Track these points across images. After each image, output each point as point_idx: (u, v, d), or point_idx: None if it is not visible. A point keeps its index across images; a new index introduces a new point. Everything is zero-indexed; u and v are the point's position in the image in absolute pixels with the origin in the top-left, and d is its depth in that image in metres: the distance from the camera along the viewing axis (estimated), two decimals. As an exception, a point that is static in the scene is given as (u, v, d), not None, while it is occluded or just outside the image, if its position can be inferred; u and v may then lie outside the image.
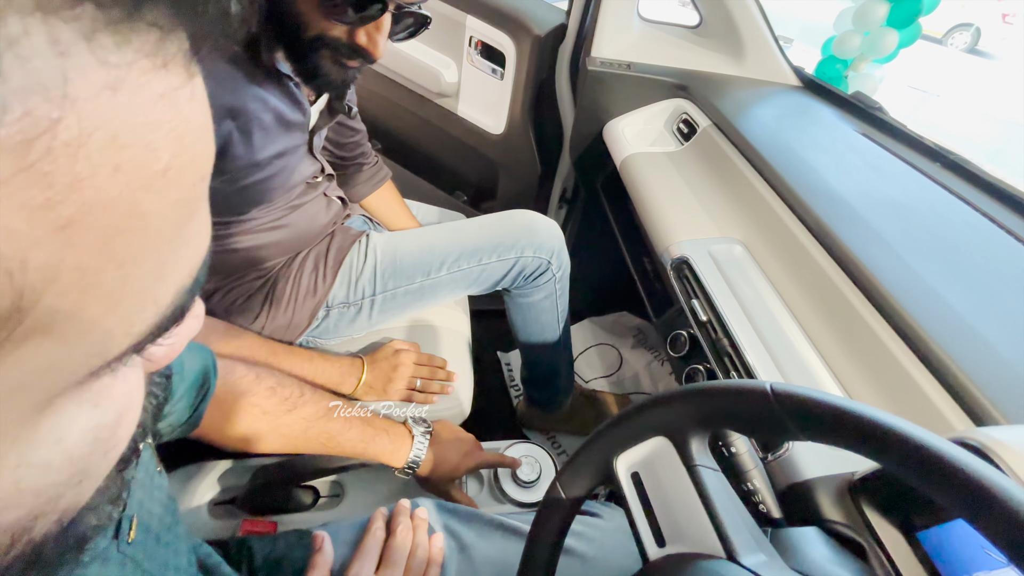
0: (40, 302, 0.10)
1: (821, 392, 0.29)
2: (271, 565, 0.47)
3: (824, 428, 0.28)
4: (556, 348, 0.93)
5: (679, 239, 0.71)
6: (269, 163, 0.60)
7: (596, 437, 0.40)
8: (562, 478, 0.41)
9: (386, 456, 0.57)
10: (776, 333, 0.58)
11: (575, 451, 0.41)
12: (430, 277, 0.78)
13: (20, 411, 0.11)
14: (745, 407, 0.32)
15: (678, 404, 0.35)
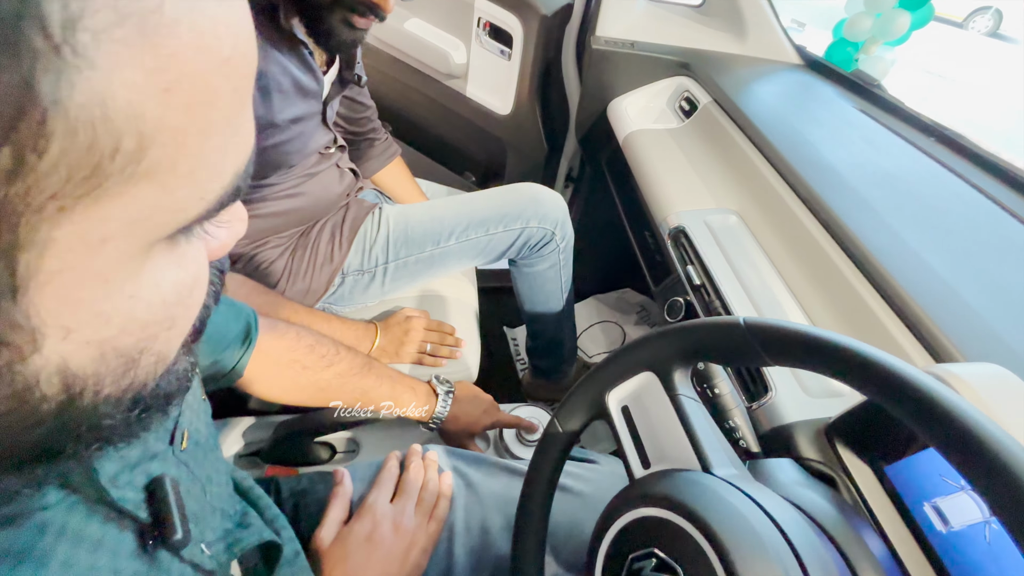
0: (150, 150, 0.12)
1: (787, 321, 0.33)
2: (297, 495, 0.52)
3: (789, 351, 0.32)
4: (560, 317, 0.97)
5: (677, 210, 0.74)
6: (287, 127, 0.64)
7: (590, 375, 0.44)
8: (559, 414, 0.45)
9: (413, 411, 0.62)
10: (766, 295, 0.61)
11: (571, 389, 0.45)
12: (440, 246, 0.82)
13: (134, 245, 0.14)
14: (720, 339, 0.36)
15: (662, 341, 0.39)
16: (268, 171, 0.70)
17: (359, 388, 0.58)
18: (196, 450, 0.34)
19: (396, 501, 0.48)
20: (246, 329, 0.49)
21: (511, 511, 0.52)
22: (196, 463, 0.34)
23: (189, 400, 0.35)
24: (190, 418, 0.34)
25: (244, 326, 0.49)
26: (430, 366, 0.82)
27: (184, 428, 0.33)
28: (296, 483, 0.53)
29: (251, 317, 0.50)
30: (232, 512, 0.38)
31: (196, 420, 0.35)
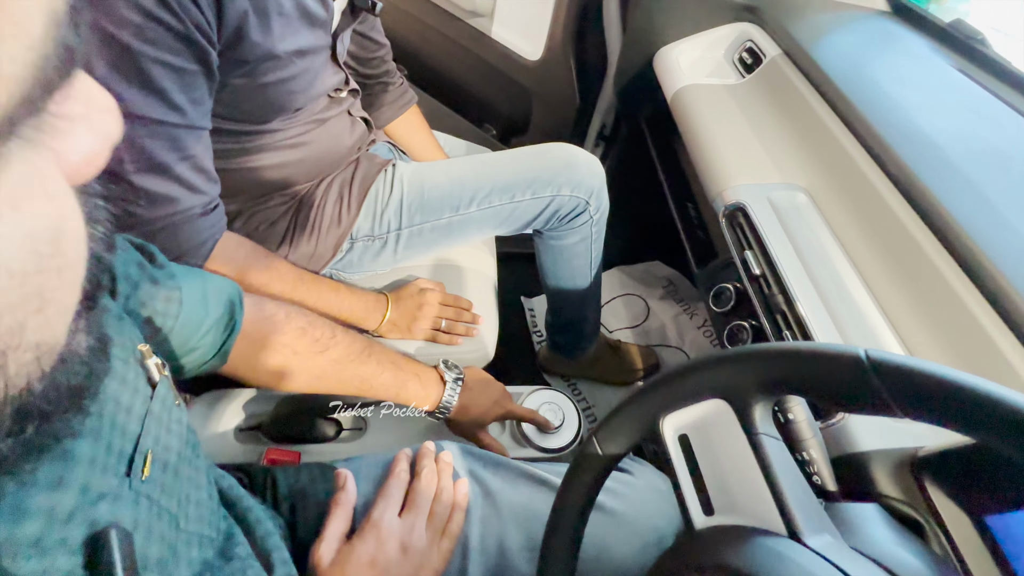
0: None
1: (928, 362, 0.25)
2: (295, 495, 0.47)
3: (934, 405, 0.24)
4: (585, 294, 0.89)
5: (735, 183, 0.64)
6: (290, 61, 0.55)
7: (642, 393, 0.36)
8: (600, 433, 0.38)
9: (418, 400, 0.56)
10: (838, 291, 0.52)
11: (616, 405, 0.38)
12: (459, 213, 0.74)
13: None
14: (828, 374, 0.27)
15: (744, 365, 0.31)
16: (269, 114, 0.61)
17: (358, 375, 0.52)
18: (163, 475, 0.28)
19: (405, 516, 0.42)
20: (229, 310, 0.43)
21: (533, 528, 0.46)
22: (165, 490, 0.28)
23: (157, 411, 0.29)
24: (157, 435, 0.28)
25: (226, 306, 0.43)
26: (444, 344, 0.76)
27: (147, 450, 0.26)
28: (295, 480, 0.48)
29: (235, 296, 0.44)
30: (215, 535, 0.32)
31: (166, 435, 0.29)
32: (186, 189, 0.49)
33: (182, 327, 0.39)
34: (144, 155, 0.46)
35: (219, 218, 0.54)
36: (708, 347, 1.23)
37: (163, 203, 0.48)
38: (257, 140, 0.64)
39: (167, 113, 0.45)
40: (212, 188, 0.53)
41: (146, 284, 0.35)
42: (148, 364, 0.28)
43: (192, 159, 0.49)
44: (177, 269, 0.40)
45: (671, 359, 1.21)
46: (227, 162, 0.63)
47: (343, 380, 0.51)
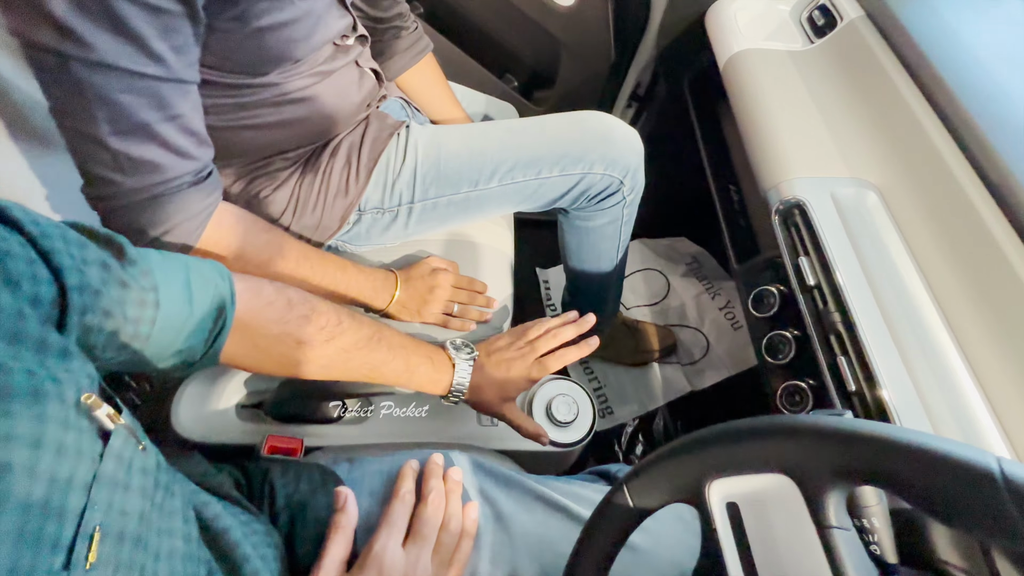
0: None
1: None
2: (294, 506, 0.44)
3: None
4: (608, 278, 0.82)
5: (794, 175, 0.56)
6: (289, 2, 0.48)
7: (688, 447, 0.31)
8: (632, 483, 0.34)
9: (429, 386, 0.53)
10: (908, 317, 0.46)
11: (657, 453, 0.33)
12: (477, 188, 0.66)
13: None
14: (943, 483, 0.22)
15: (822, 444, 0.26)
16: (266, 65, 0.53)
17: (368, 363, 0.48)
18: (120, 548, 0.24)
19: (409, 546, 0.39)
20: (218, 304, 0.38)
21: (546, 559, 0.43)
22: (119, 564, 0.24)
23: (109, 472, 0.24)
24: (108, 501, 0.24)
25: (215, 300, 0.37)
26: (456, 330, 0.71)
27: (94, 527, 0.22)
28: (293, 489, 0.45)
29: (224, 287, 0.39)
30: None
31: (122, 497, 0.25)
32: (173, 154, 0.43)
33: (161, 332, 0.34)
34: (121, 113, 0.39)
35: (214, 188, 0.48)
36: (729, 330, 1.18)
37: (147, 171, 0.42)
38: (253, 95, 0.56)
39: (145, 63, 0.38)
40: (204, 153, 0.46)
41: (112, 289, 0.30)
42: (97, 416, 0.24)
43: (178, 119, 0.42)
44: (152, 262, 0.34)
45: (689, 340, 1.17)
46: (220, 119, 0.56)
47: (351, 369, 0.48)
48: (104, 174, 0.42)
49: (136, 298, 0.31)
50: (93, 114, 0.39)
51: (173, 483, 0.30)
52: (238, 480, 0.47)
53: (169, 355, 0.36)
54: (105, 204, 0.44)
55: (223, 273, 0.39)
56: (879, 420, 0.42)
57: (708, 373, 1.13)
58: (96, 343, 0.29)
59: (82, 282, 0.28)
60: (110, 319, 0.30)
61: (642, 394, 1.09)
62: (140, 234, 0.45)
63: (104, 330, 0.29)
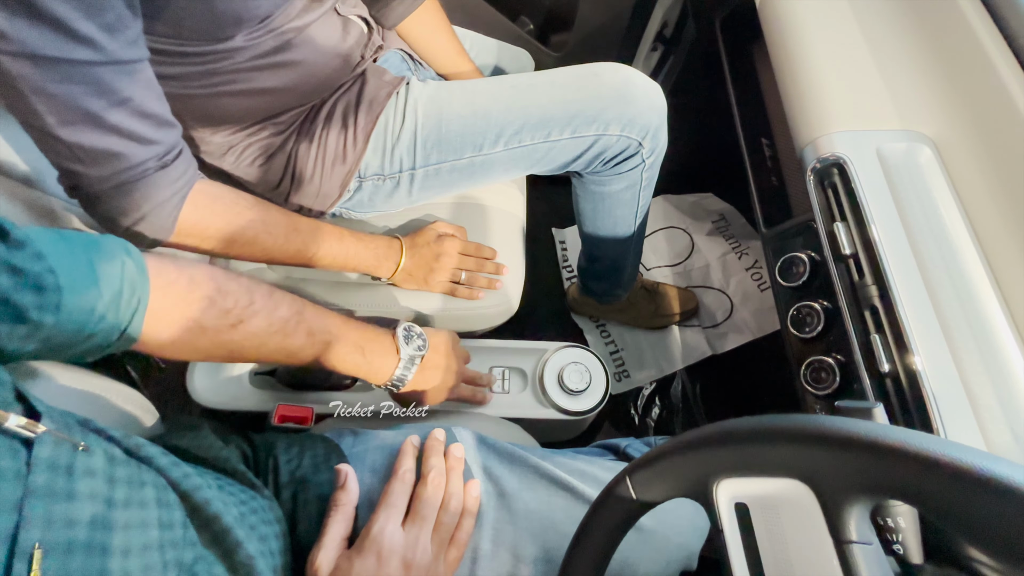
0: None
1: None
2: (296, 483, 0.44)
3: None
4: (626, 244, 0.78)
5: (834, 129, 0.50)
6: None
7: (696, 445, 0.29)
8: (635, 475, 0.32)
9: (361, 374, 0.50)
10: (958, 293, 0.41)
11: (661, 448, 0.31)
12: (482, 152, 0.62)
13: None
14: (984, 507, 0.19)
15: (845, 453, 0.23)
16: (226, 28, 0.48)
17: (283, 350, 0.44)
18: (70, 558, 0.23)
19: (408, 527, 0.39)
20: (128, 281, 0.35)
21: (550, 538, 0.42)
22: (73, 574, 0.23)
23: (39, 485, 0.23)
24: (47, 514, 0.23)
25: (123, 277, 0.35)
26: (464, 298, 0.69)
27: (32, 545, 0.21)
28: (296, 465, 0.45)
29: (132, 264, 0.36)
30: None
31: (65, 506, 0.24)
32: (130, 140, 0.40)
33: (70, 315, 0.31)
34: (61, 105, 0.36)
35: (184, 169, 0.45)
36: (755, 292, 1.13)
37: (106, 160, 0.40)
38: (222, 60, 0.51)
39: (73, 49, 0.35)
40: (166, 134, 0.43)
41: (1, 277, 0.28)
42: (8, 428, 0.22)
43: (127, 103, 0.39)
44: (44, 243, 0.31)
45: (712, 303, 1.12)
46: (191, 87, 0.52)
47: (265, 355, 0.44)
48: (67, 165, 0.40)
49: (31, 283, 0.29)
50: (34, 108, 0.36)
51: (141, 473, 0.30)
52: (245, 452, 0.47)
53: (81, 339, 0.33)
54: (77, 194, 0.42)
55: (129, 249, 0.37)
56: (914, 408, 0.38)
57: (731, 336, 1.09)
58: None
59: None
60: (7, 307, 0.28)
61: (660, 358, 1.07)
62: (114, 223, 0.43)
63: (4, 320, 0.28)
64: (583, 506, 0.43)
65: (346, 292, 0.69)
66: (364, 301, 0.69)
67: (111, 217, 0.43)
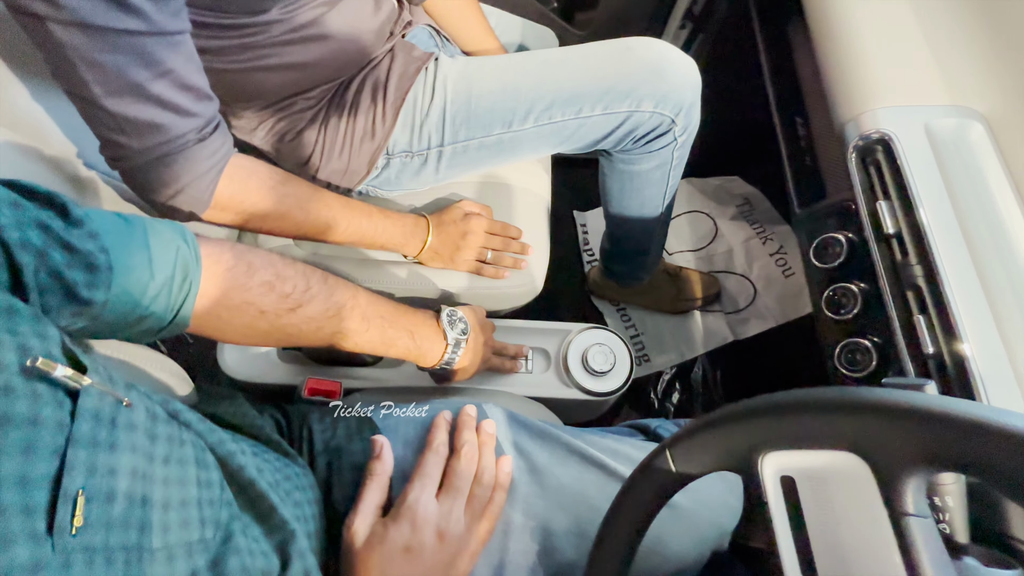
0: None
1: None
2: (331, 451, 0.44)
3: None
4: (652, 226, 0.77)
5: (879, 104, 0.48)
6: None
7: (739, 416, 0.29)
8: (676, 447, 0.32)
9: (411, 359, 0.51)
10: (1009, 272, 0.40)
11: (704, 419, 0.31)
12: (511, 129, 0.61)
13: None
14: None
15: (904, 424, 0.23)
16: (265, 1, 0.49)
17: (339, 334, 0.46)
18: (112, 507, 0.24)
19: (442, 499, 0.39)
20: (182, 266, 0.36)
21: (581, 512, 0.43)
22: (117, 526, 0.24)
23: (82, 434, 0.23)
24: (90, 463, 0.23)
25: (177, 262, 0.35)
26: (490, 277, 0.69)
27: (76, 490, 0.22)
28: (331, 435, 0.46)
29: (187, 249, 0.36)
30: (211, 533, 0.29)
31: (107, 456, 0.24)
32: (172, 113, 0.41)
33: (121, 296, 0.32)
34: (108, 74, 0.37)
35: (221, 142, 0.46)
36: (779, 278, 1.11)
37: (149, 132, 0.40)
38: (258, 34, 0.52)
39: (120, 18, 0.35)
40: (205, 107, 0.43)
41: (55, 252, 0.28)
42: (56, 378, 0.23)
43: (171, 75, 0.39)
44: (101, 223, 0.32)
45: (735, 288, 1.11)
46: (227, 62, 0.52)
47: (322, 338, 0.45)
48: (110, 136, 0.40)
49: (83, 262, 0.30)
50: (82, 77, 0.37)
51: (181, 432, 0.30)
52: (279, 421, 0.48)
53: (133, 320, 0.34)
54: (118, 165, 0.43)
55: (185, 235, 0.37)
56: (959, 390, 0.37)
57: (753, 322, 1.08)
58: (49, 307, 0.28)
59: (23, 239, 0.26)
60: (59, 282, 0.28)
61: (681, 343, 1.06)
62: (153, 195, 0.44)
63: (55, 293, 0.28)
64: (615, 483, 0.43)
65: (372, 270, 0.70)
66: (390, 279, 0.70)
67: (151, 189, 0.43)
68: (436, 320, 0.52)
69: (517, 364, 0.66)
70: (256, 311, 0.40)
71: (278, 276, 0.41)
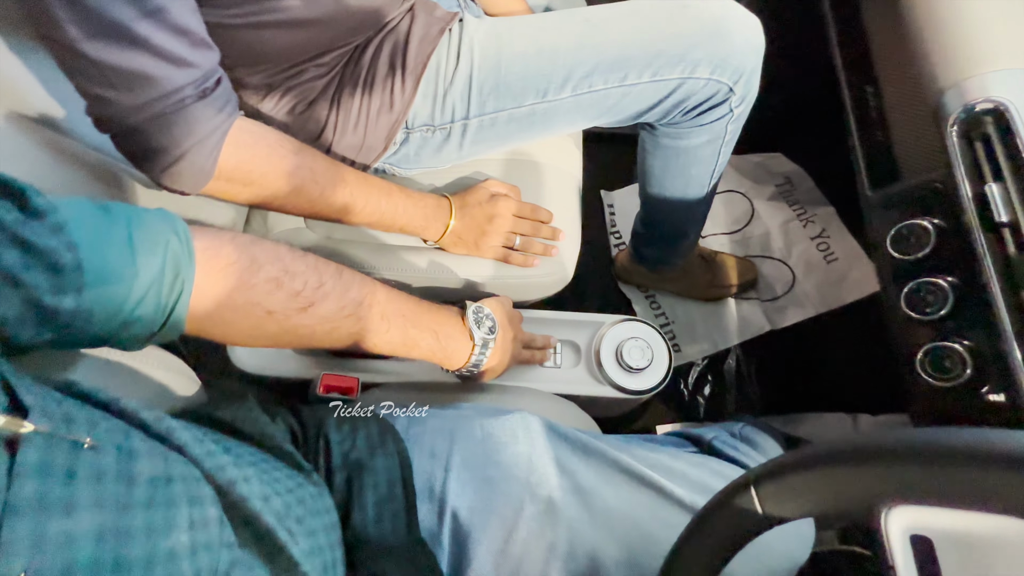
0: None
1: None
2: (351, 467, 0.40)
3: None
4: (694, 209, 0.70)
5: (990, 67, 0.41)
6: None
7: (862, 457, 0.23)
8: (765, 485, 0.27)
9: (435, 360, 0.47)
10: None
11: (805, 452, 0.25)
12: (546, 99, 0.55)
13: None
14: None
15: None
16: None
17: (356, 334, 0.41)
18: None
19: None
20: (172, 263, 0.31)
21: (634, 541, 0.38)
22: None
23: (23, 496, 0.19)
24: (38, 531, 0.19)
25: (166, 259, 0.30)
26: (518, 265, 0.63)
27: (19, 571, 0.18)
28: (350, 446, 0.41)
29: (180, 248, 0.31)
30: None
31: (62, 523, 0.20)
32: (164, 61, 0.35)
33: (97, 301, 0.27)
34: (85, 10, 0.32)
35: (225, 101, 0.40)
36: (820, 264, 1.04)
37: (139, 85, 0.35)
38: None
39: None
40: (203, 57, 0.38)
41: (7, 251, 0.23)
42: None
43: (160, 14, 0.34)
44: (71, 214, 0.27)
45: (772, 274, 1.04)
46: (232, 15, 0.46)
47: (337, 339, 0.41)
48: (95, 91, 0.35)
49: (44, 262, 0.25)
50: (55, 14, 0.31)
51: (168, 467, 0.25)
52: (292, 429, 0.43)
53: (115, 329, 0.29)
54: (108, 127, 0.37)
55: (177, 226, 0.32)
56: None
57: (791, 311, 1.01)
58: (4, 319, 0.23)
59: None
60: (14, 288, 0.23)
61: (714, 332, 1.00)
62: (149, 163, 0.38)
63: (10, 302, 0.23)
64: (672, 507, 0.38)
65: (388, 256, 0.64)
66: (407, 267, 0.64)
67: (146, 156, 0.38)
68: (461, 318, 0.48)
69: (546, 354, 0.61)
70: (263, 312, 0.35)
71: (286, 272, 0.36)
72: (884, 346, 0.48)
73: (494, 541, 0.36)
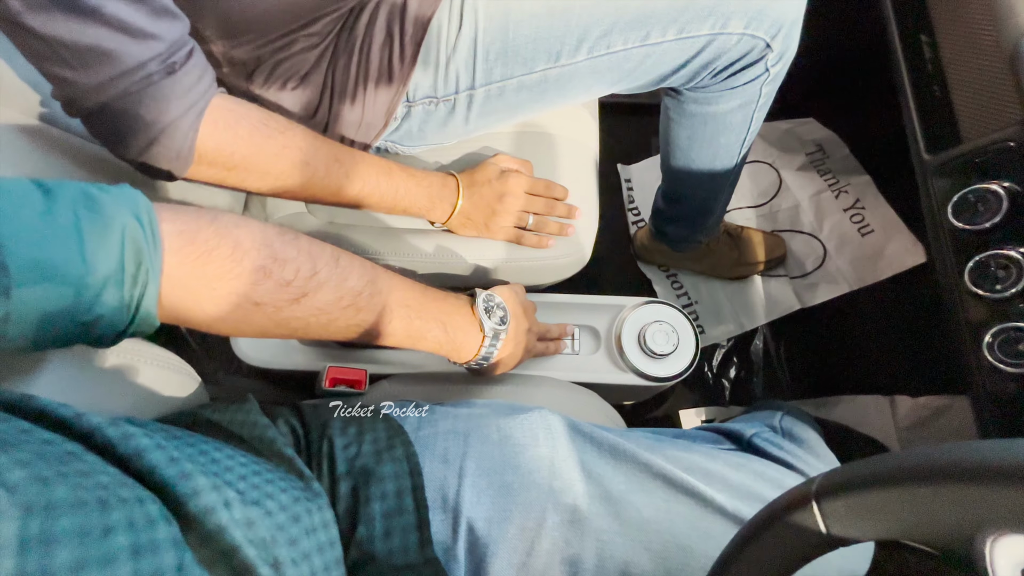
0: None
1: None
2: (357, 475, 0.37)
3: None
4: (721, 180, 0.65)
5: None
6: None
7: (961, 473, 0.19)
8: (827, 500, 0.23)
9: (442, 352, 0.43)
10: None
11: (881, 462, 0.21)
12: (559, 63, 0.49)
13: None
14: None
15: None
16: None
17: (356, 327, 0.38)
18: None
19: None
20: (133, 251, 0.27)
21: (669, 554, 0.34)
22: None
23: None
24: None
25: (123, 247, 0.26)
26: (532, 247, 0.59)
27: None
28: (356, 452, 0.38)
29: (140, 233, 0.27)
30: None
31: None
32: (119, 33, 0.31)
33: (34, 303, 0.24)
34: None
35: (198, 75, 0.36)
36: (854, 237, 0.97)
37: (96, 61, 0.31)
38: None
39: None
40: (168, 27, 0.34)
41: None
42: None
43: None
44: None
45: (801, 250, 0.98)
46: None
47: (334, 333, 0.37)
48: (53, 70, 0.31)
49: None
50: None
51: (107, 515, 0.21)
52: (295, 430, 0.41)
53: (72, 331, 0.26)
54: (73, 110, 0.34)
55: (139, 207, 0.28)
56: None
57: (822, 288, 0.95)
58: None
59: None
60: None
61: (740, 312, 0.95)
62: (122, 147, 0.35)
63: None
64: (712, 516, 0.34)
65: (393, 240, 0.61)
66: (413, 251, 0.60)
67: (117, 140, 0.35)
68: (471, 307, 0.44)
69: (561, 344, 0.58)
70: (249, 304, 0.31)
71: (275, 259, 0.32)
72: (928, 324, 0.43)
73: (514, 554, 0.33)
